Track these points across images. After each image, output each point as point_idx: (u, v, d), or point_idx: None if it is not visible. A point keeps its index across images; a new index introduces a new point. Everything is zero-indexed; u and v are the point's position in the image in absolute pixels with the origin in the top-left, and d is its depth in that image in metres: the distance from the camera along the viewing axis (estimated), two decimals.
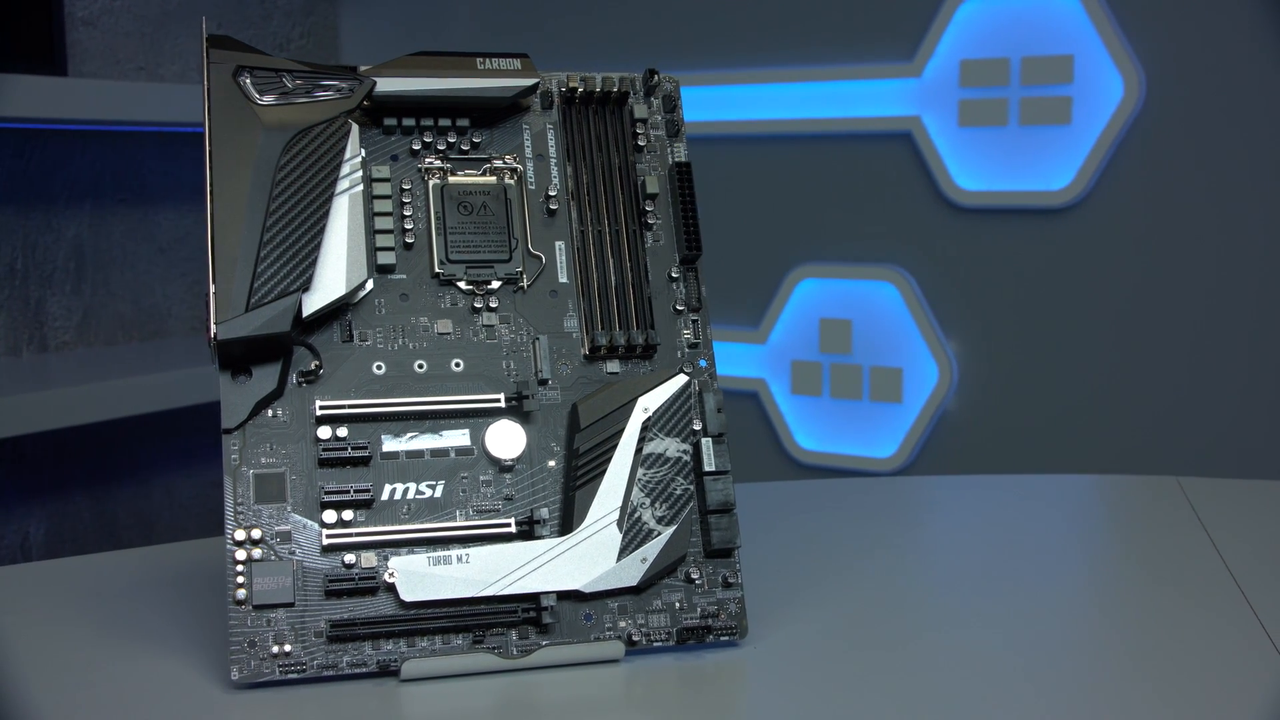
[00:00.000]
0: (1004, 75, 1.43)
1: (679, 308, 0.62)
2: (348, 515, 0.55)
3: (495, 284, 0.60)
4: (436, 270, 0.59)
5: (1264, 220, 1.34)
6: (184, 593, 0.64)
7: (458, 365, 0.59)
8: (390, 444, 0.57)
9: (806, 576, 0.67)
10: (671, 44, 1.65)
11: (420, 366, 0.58)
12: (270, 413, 0.56)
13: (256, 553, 0.54)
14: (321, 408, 0.56)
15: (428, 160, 0.60)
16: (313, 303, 0.56)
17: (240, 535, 0.54)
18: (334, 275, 0.57)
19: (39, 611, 0.63)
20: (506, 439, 0.58)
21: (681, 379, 0.59)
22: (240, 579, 0.54)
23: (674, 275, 0.62)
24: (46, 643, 0.59)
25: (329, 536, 0.55)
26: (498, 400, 0.58)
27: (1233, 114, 1.34)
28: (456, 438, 0.58)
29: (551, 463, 0.58)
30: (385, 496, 0.56)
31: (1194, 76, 1.35)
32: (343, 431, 0.56)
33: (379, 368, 0.58)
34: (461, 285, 0.59)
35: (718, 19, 1.61)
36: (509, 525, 0.57)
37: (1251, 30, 1.32)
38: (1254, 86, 1.33)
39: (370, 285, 0.58)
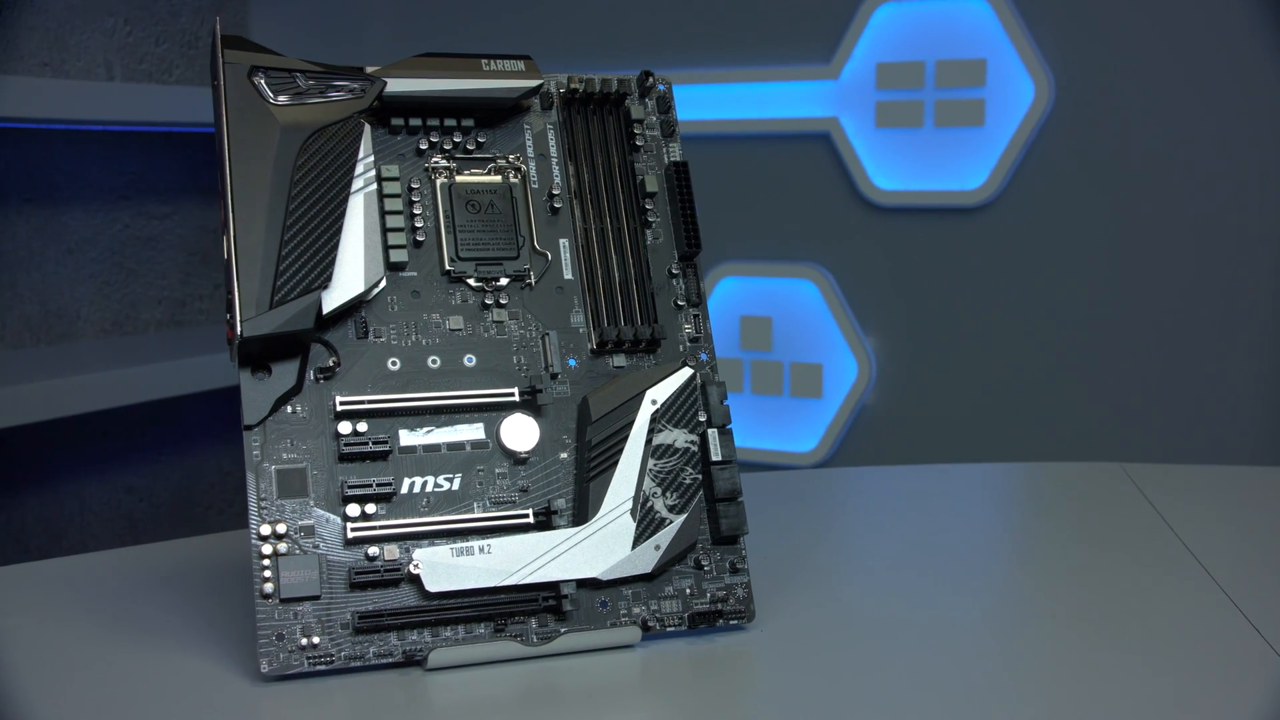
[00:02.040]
0: (919, 78, 1.47)
1: (679, 303, 0.63)
2: (370, 509, 0.56)
3: (504, 280, 0.61)
4: (447, 267, 0.60)
5: (1167, 215, 1.40)
6: (199, 588, 0.64)
7: (470, 360, 0.60)
8: (407, 438, 0.58)
9: (785, 563, 0.69)
10: (588, 44, 1.66)
11: (434, 362, 0.59)
12: (289, 409, 0.57)
13: (282, 547, 0.55)
14: (341, 403, 0.57)
15: (434, 160, 0.62)
16: (331, 300, 0.57)
17: (265, 530, 0.55)
18: (352, 273, 0.57)
19: (60, 609, 0.62)
20: (520, 432, 0.59)
21: (687, 371, 0.61)
22: (267, 573, 0.54)
23: (674, 272, 0.64)
24: (72, 640, 0.59)
25: (353, 530, 0.56)
26: (512, 394, 0.59)
27: (1137, 115, 1.40)
28: (471, 431, 0.59)
29: (564, 454, 0.60)
30: (405, 490, 0.57)
31: (1100, 80, 1.41)
32: (362, 426, 0.57)
33: (394, 364, 0.59)
34: (471, 282, 0.61)
35: (637, 21, 1.63)
36: (527, 516, 0.58)
37: (1153, 36, 1.38)
38: (1156, 89, 1.39)
39: (384, 283, 0.59)
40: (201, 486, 1.83)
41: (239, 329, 0.54)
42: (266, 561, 0.55)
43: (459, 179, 0.62)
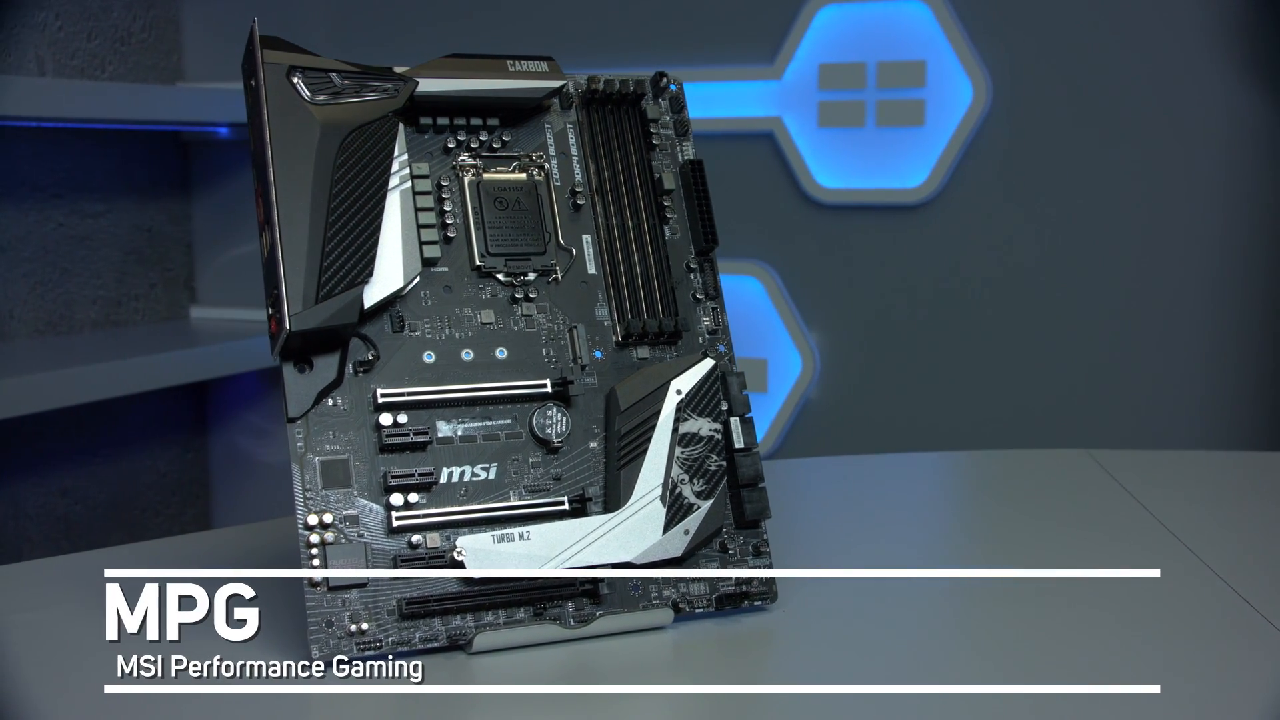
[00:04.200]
0: (861, 79, 1.51)
1: (698, 296, 0.66)
2: (412, 498, 0.58)
3: (531, 275, 0.63)
4: (477, 263, 0.62)
5: (1102, 211, 1.45)
6: None
7: (501, 353, 0.61)
8: (445, 429, 0.59)
9: (785, 548, 0.71)
10: (528, 45, 1.67)
11: (467, 355, 0.61)
12: (330, 401, 0.58)
13: (329, 536, 0.56)
14: (382, 395, 0.58)
15: (460, 158, 0.63)
16: (371, 295, 0.58)
17: (312, 520, 0.56)
18: (391, 268, 0.59)
19: (98, 600, 0.63)
20: (553, 422, 0.61)
21: (709, 362, 0.63)
22: (315, 561, 0.56)
23: (691, 266, 0.66)
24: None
25: (397, 518, 0.57)
26: (544, 386, 0.61)
27: (1071, 115, 1.45)
28: (505, 422, 0.60)
29: (593, 444, 0.62)
30: (444, 479, 0.59)
31: (1036, 81, 1.46)
32: (402, 418, 0.58)
33: (429, 356, 0.60)
34: (500, 277, 0.62)
35: (586, 21, 1.65)
36: (562, 503, 0.60)
37: (1087, 39, 1.44)
38: (1090, 90, 1.44)
39: (418, 278, 0.60)
40: (138, 489, 1.81)
41: (287, 323, 0.55)
42: (314, 550, 0.56)
43: (486, 176, 0.63)
